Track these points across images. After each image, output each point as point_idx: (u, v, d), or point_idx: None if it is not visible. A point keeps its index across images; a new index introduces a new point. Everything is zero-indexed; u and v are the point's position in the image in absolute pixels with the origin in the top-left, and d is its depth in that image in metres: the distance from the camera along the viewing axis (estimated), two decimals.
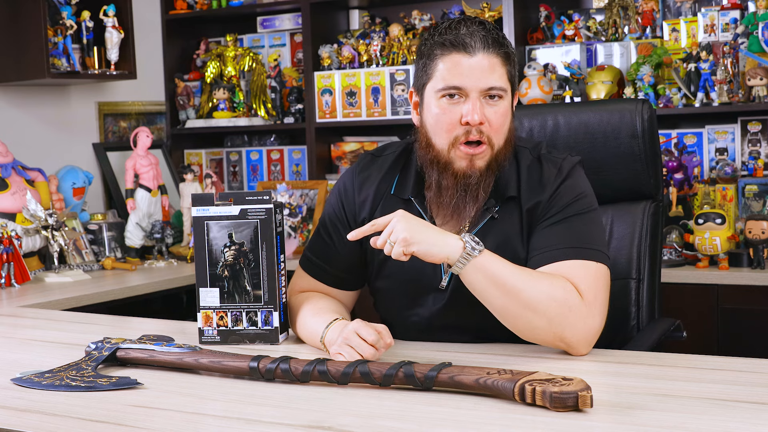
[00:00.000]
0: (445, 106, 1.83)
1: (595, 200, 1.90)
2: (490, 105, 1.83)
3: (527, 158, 1.91)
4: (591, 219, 1.86)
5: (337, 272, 2.01)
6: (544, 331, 1.73)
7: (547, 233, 1.83)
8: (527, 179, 1.88)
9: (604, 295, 1.79)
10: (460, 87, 1.81)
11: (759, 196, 3.40)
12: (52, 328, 2.37)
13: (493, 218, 1.88)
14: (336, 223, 2.01)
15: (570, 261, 1.78)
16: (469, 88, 1.81)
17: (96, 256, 3.73)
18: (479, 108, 1.81)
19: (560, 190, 1.86)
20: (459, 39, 1.82)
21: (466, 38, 1.81)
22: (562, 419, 1.37)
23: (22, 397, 1.61)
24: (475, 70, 1.81)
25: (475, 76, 1.81)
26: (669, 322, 2.21)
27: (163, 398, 1.58)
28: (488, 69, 1.81)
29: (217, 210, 1.94)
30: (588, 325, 1.74)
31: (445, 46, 1.83)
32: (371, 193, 1.98)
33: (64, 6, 3.79)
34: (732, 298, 3.15)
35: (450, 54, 1.82)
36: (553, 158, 1.91)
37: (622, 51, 3.68)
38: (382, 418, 1.42)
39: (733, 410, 1.39)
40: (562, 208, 1.84)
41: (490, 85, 1.82)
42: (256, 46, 4.49)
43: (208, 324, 1.96)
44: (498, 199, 1.89)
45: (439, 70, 1.83)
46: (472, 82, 1.81)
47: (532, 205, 1.86)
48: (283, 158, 4.39)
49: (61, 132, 4.05)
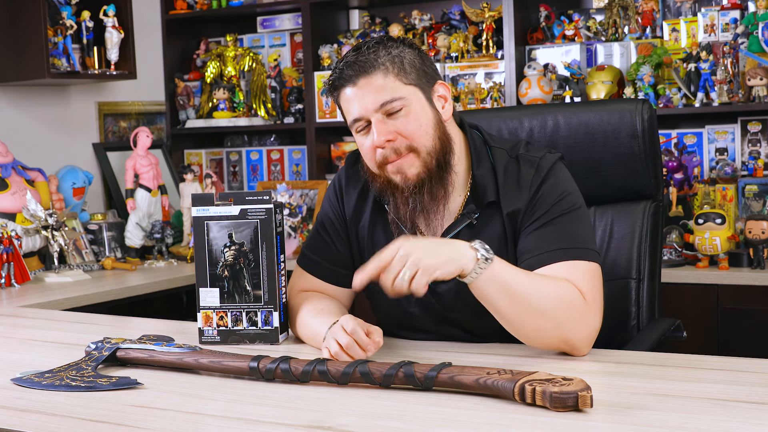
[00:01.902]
0: (360, 139, 1.88)
1: (579, 197, 1.88)
2: (393, 118, 1.83)
3: (503, 159, 1.90)
4: (577, 217, 1.84)
5: (336, 269, 2.01)
6: (549, 334, 1.72)
7: (535, 237, 1.81)
8: (504, 182, 1.87)
9: (600, 294, 1.79)
10: (359, 117, 1.85)
11: (759, 196, 3.40)
12: (52, 328, 2.37)
13: (472, 224, 1.88)
14: (332, 220, 2.02)
15: (562, 263, 1.77)
16: (365, 113, 1.84)
17: (96, 256, 3.73)
18: (381, 128, 1.82)
19: (542, 191, 1.84)
20: (339, 77, 1.86)
21: (344, 72, 1.85)
22: (562, 419, 1.37)
23: (22, 397, 1.61)
24: (363, 96, 1.83)
25: (363, 102, 1.83)
26: (669, 322, 2.21)
27: (163, 398, 1.58)
28: (374, 88, 1.82)
29: (217, 210, 1.94)
30: (589, 325, 1.74)
31: (336, 87, 1.88)
32: (354, 195, 2.00)
33: (64, 6, 3.79)
34: (732, 298, 3.15)
35: (341, 92, 1.87)
36: (531, 157, 1.89)
37: (622, 51, 3.68)
38: (382, 418, 1.42)
39: (733, 410, 1.39)
40: (546, 209, 1.83)
41: (381, 102, 1.82)
42: (256, 46, 4.49)
43: (208, 324, 1.96)
44: (478, 204, 1.89)
45: (344, 108, 1.89)
46: (364, 108, 1.83)
47: (512, 210, 1.85)
48: (283, 158, 4.39)
49: (61, 132, 4.05)
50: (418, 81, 1.86)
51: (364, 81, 1.83)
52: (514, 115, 2.32)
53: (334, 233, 2.01)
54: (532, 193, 1.84)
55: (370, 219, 1.98)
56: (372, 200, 1.98)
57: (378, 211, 1.98)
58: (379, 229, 1.97)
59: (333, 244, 2.01)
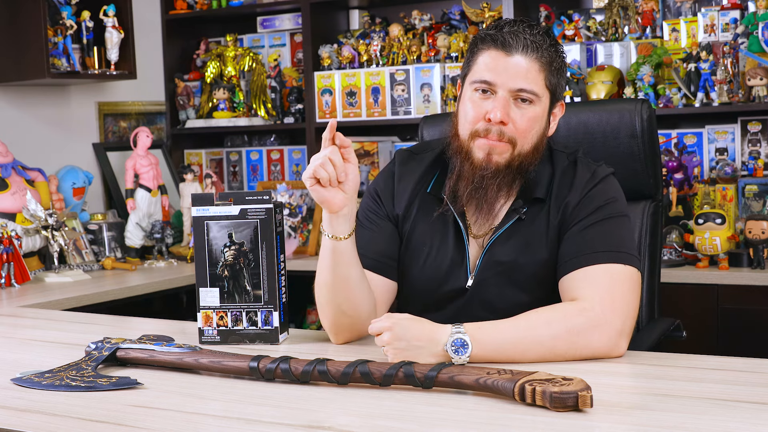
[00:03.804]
0: (476, 99, 1.85)
1: (626, 207, 1.89)
2: (519, 107, 1.84)
3: (563, 162, 1.92)
4: (621, 223, 1.85)
5: (376, 256, 1.96)
6: (567, 357, 1.71)
7: (577, 239, 1.82)
8: (560, 182, 1.89)
9: (629, 296, 1.76)
10: (491, 83, 1.83)
11: (759, 196, 3.40)
12: (52, 328, 2.37)
13: (521, 219, 1.89)
14: (375, 209, 2.00)
15: (593, 267, 1.77)
16: (499, 85, 1.82)
17: (96, 256, 3.73)
18: (504, 107, 1.82)
19: (591, 193, 1.86)
20: (501, 37, 1.84)
21: (508, 37, 1.83)
22: (562, 419, 1.37)
23: (22, 397, 1.61)
24: (509, 70, 1.82)
25: (508, 75, 1.82)
26: (669, 322, 2.21)
27: (163, 398, 1.58)
28: (523, 71, 1.82)
29: (217, 210, 1.94)
30: (606, 332, 1.71)
31: (486, 41, 1.86)
32: (409, 188, 1.99)
33: (64, 6, 3.79)
34: (732, 298, 3.15)
35: (489, 50, 1.85)
36: (588, 163, 1.92)
37: (622, 51, 3.68)
38: (382, 418, 1.42)
39: (733, 410, 1.39)
40: (592, 211, 1.84)
41: (520, 87, 1.82)
42: (256, 46, 4.49)
43: (208, 324, 1.96)
44: (525, 200, 1.90)
45: (477, 64, 1.86)
46: (502, 80, 1.82)
47: (561, 206, 1.87)
48: (283, 158, 4.39)
49: (61, 132, 4.05)
50: (554, 89, 1.88)
51: (519, 58, 1.82)
52: None
53: (374, 223, 1.99)
54: (585, 193, 1.86)
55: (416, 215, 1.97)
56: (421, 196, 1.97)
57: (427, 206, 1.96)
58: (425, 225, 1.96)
59: (373, 232, 1.98)
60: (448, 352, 1.66)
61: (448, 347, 1.66)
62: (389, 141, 4.14)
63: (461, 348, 1.66)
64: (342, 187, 1.77)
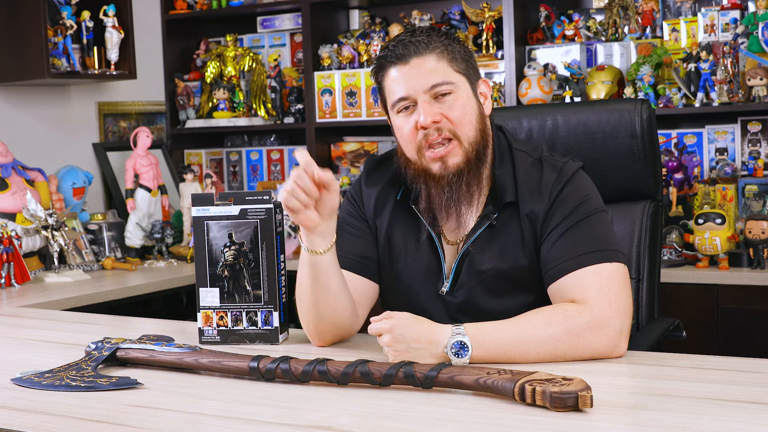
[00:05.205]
0: (402, 119, 1.87)
1: (600, 201, 1.89)
2: (442, 102, 1.84)
3: (525, 161, 1.90)
4: (599, 220, 1.84)
5: (357, 258, 1.97)
6: (571, 358, 1.71)
7: (558, 244, 1.81)
8: (525, 183, 1.87)
9: (623, 294, 1.76)
10: (406, 96, 1.84)
11: (759, 196, 3.40)
12: (52, 328, 2.37)
13: (492, 225, 1.88)
14: (353, 213, 2.00)
15: (581, 270, 1.77)
16: (413, 93, 1.83)
17: (96, 256, 3.73)
18: (428, 109, 1.82)
19: (563, 195, 1.84)
20: (391, 53, 1.86)
21: (398, 50, 1.85)
22: (562, 419, 1.37)
23: (22, 397, 1.61)
24: (414, 75, 1.83)
25: (416, 80, 1.83)
26: (668, 322, 2.21)
27: (163, 398, 1.58)
28: (426, 69, 1.83)
29: (217, 210, 1.94)
30: (606, 333, 1.71)
31: (383, 65, 1.88)
32: (374, 195, 1.98)
33: (64, 6, 3.79)
34: (732, 298, 3.15)
35: (389, 70, 1.87)
36: (554, 161, 1.89)
37: (622, 51, 3.68)
38: (382, 418, 1.42)
39: (733, 410, 1.39)
40: (567, 214, 1.83)
41: (431, 83, 1.83)
42: (256, 46, 4.49)
43: (208, 324, 1.96)
44: (496, 205, 1.89)
45: (387, 88, 1.88)
46: (414, 87, 1.83)
47: (532, 212, 1.85)
48: (283, 158, 4.39)
49: (61, 132, 4.05)
50: (466, 72, 1.88)
51: (416, 61, 1.84)
52: (513, 115, 2.32)
53: (353, 226, 1.99)
54: (554, 197, 1.85)
55: (389, 221, 1.97)
56: (392, 203, 1.97)
57: (398, 213, 1.96)
58: (398, 231, 1.96)
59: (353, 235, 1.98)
60: (448, 354, 1.66)
61: (448, 350, 1.66)
62: (389, 141, 4.14)
63: (461, 350, 1.66)
64: (318, 209, 1.77)
